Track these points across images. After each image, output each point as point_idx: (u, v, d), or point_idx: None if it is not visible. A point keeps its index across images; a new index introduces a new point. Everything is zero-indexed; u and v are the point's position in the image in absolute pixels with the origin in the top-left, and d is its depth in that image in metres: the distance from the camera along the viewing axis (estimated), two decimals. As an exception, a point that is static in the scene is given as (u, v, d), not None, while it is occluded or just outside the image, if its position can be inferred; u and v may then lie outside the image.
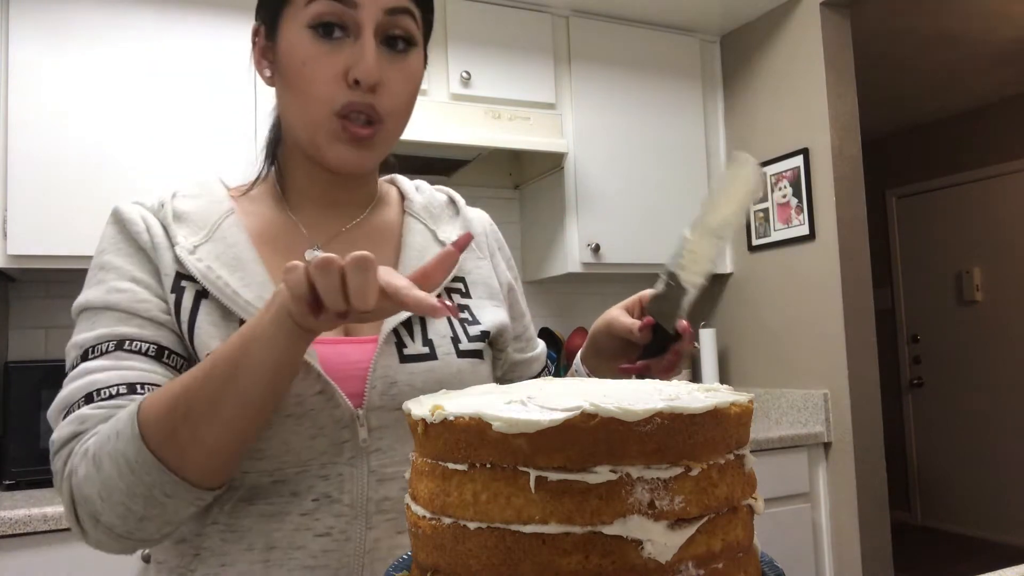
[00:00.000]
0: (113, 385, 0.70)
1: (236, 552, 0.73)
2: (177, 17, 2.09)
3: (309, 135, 0.78)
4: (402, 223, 0.89)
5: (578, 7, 2.64)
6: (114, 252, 0.78)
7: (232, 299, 0.74)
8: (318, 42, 0.75)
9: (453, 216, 0.93)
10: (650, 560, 0.43)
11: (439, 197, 0.95)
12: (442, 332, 0.82)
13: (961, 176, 4.88)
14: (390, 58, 0.77)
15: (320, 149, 0.78)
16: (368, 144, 0.78)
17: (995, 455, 4.66)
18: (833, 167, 2.53)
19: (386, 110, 0.77)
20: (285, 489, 0.74)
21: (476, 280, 0.89)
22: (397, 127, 0.81)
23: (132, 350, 0.72)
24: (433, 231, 0.89)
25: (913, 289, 5.17)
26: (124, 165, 2.00)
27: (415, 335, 0.80)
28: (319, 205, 0.85)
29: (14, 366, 1.91)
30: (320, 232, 0.84)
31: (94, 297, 0.76)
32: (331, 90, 0.75)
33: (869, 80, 3.88)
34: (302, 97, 0.77)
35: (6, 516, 1.58)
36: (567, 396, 0.46)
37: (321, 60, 0.75)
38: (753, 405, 0.50)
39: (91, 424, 0.70)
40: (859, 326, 2.51)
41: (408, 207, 0.90)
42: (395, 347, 0.78)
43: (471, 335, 0.84)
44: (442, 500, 0.47)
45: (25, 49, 1.93)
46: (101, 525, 0.69)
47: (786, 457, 2.45)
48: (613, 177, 2.65)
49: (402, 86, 0.78)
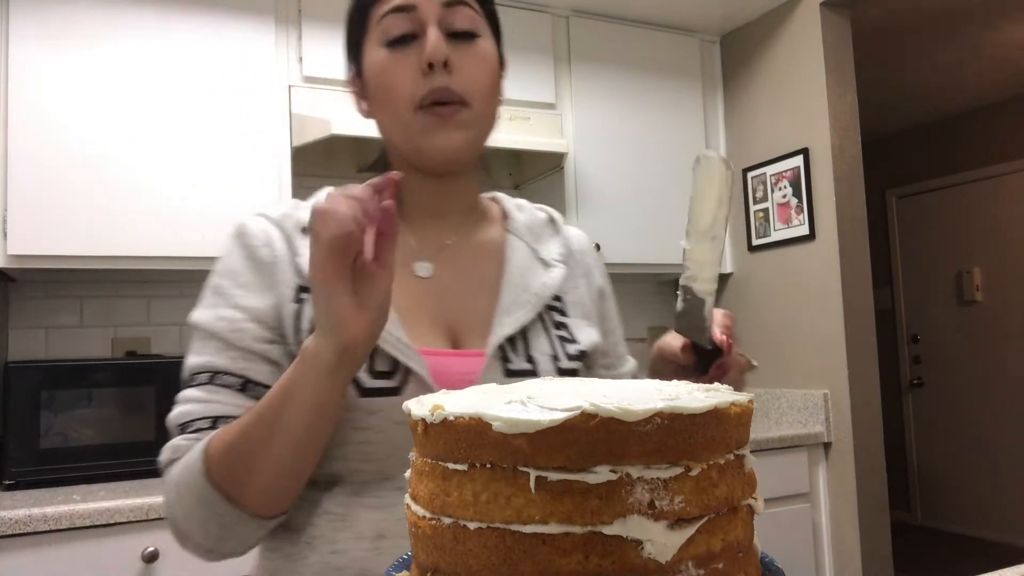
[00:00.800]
0: (201, 418, 0.78)
1: (346, 540, 0.76)
2: (178, 17, 2.09)
3: (404, 137, 0.83)
4: (504, 241, 0.92)
5: (578, 7, 2.64)
6: (227, 275, 0.84)
7: None
8: (394, 53, 0.81)
9: (553, 234, 0.96)
10: (650, 560, 0.43)
11: (539, 216, 0.98)
12: (543, 350, 0.85)
13: (961, 176, 4.88)
14: (459, 46, 0.82)
15: (417, 146, 0.82)
16: (456, 123, 0.81)
17: (995, 455, 4.66)
18: (833, 167, 2.53)
19: (464, 89, 0.81)
20: (391, 485, 0.78)
21: (573, 300, 0.92)
22: (483, 110, 0.84)
23: (222, 384, 0.79)
24: (534, 249, 0.92)
25: (913, 289, 5.18)
26: (124, 165, 2.00)
27: (518, 351, 0.84)
28: (425, 215, 0.89)
29: (14, 366, 1.91)
30: (428, 244, 0.88)
31: (204, 320, 0.82)
32: (411, 86, 0.80)
33: (869, 80, 3.88)
34: (389, 103, 0.82)
35: (6, 516, 1.58)
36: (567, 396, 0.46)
37: (399, 64, 0.81)
38: (753, 405, 0.50)
39: (182, 454, 0.77)
40: (859, 326, 2.51)
41: (510, 226, 0.94)
42: (500, 362, 0.82)
43: (570, 354, 0.87)
44: (442, 500, 0.47)
45: (25, 49, 1.93)
46: (190, 542, 0.76)
47: (786, 457, 2.45)
48: (613, 177, 2.65)
49: (476, 66, 0.82)
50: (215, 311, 0.82)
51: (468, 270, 0.89)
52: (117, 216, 1.98)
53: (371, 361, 0.78)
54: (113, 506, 1.66)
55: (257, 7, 2.18)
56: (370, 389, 0.77)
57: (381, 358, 0.79)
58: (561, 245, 0.94)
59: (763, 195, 2.77)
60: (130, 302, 2.33)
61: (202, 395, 0.79)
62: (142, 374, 2.01)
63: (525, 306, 0.86)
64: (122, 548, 1.67)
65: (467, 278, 0.88)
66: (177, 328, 2.38)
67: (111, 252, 1.97)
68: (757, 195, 2.80)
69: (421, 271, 0.87)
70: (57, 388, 1.92)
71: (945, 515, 4.97)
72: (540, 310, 0.87)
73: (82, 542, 1.65)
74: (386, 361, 0.79)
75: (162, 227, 2.02)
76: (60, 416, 1.92)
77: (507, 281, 0.87)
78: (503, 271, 0.88)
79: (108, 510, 1.66)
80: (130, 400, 1.99)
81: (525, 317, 0.85)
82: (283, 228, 0.85)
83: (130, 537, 1.68)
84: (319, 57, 2.24)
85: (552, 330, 0.88)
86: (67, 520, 1.62)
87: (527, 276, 0.88)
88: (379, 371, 0.78)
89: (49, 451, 1.90)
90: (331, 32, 2.26)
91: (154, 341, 2.35)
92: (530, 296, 0.87)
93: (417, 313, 0.84)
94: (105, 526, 1.66)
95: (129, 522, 1.67)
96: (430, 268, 0.87)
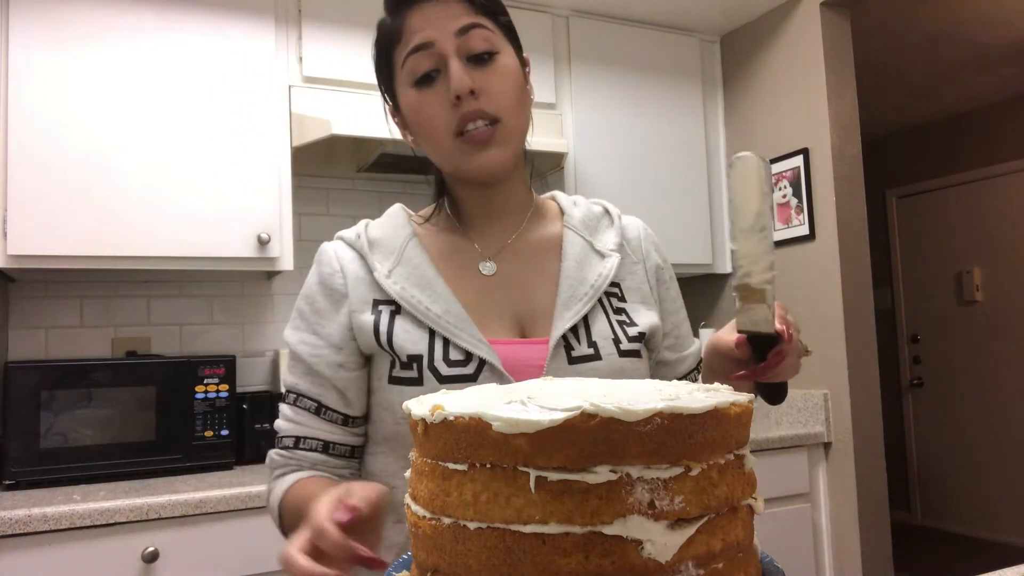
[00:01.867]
0: (288, 436, 0.93)
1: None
2: (178, 17, 2.09)
3: (449, 165, 0.91)
4: (562, 236, 0.98)
5: (578, 7, 2.64)
6: (307, 299, 0.95)
7: (424, 313, 0.88)
8: (423, 92, 0.88)
9: (609, 226, 1.01)
10: (650, 560, 0.43)
11: (595, 209, 1.03)
12: (604, 334, 0.91)
13: (961, 176, 4.88)
14: (480, 69, 0.87)
15: (461, 169, 0.90)
16: (492, 143, 0.87)
17: (995, 455, 4.66)
18: (833, 167, 2.53)
19: (495, 108, 0.87)
20: None
21: (631, 286, 0.98)
22: (515, 123, 0.90)
23: (301, 406, 0.92)
24: (590, 242, 0.98)
25: (913, 289, 5.17)
26: (124, 165, 2.00)
27: (580, 338, 0.90)
28: (481, 218, 0.97)
29: (14, 366, 1.91)
30: (490, 246, 0.96)
31: (293, 341, 0.94)
32: (446, 118, 0.87)
33: (869, 80, 3.88)
34: (430, 138, 0.90)
35: (6, 516, 1.58)
36: (567, 396, 0.46)
37: (430, 101, 0.87)
38: (753, 405, 0.50)
39: (276, 466, 0.93)
40: (859, 326, 2.51)
41: (567, 221, 0.99)
42: (564, 350, 0.88)
43: (630, 336, 0.93)
44: (442, 500, 0.47)
45: (25, 49, 1.93)
46: None
47: (786, 457, 2.45)
48: (613, 177, 2.65)
49: (500, 85, 0.87)
50: (300, 334, 0.93)
51: (529, 265, 0.95)
52: (117, 216, 1.98)
53: (446, 351, 0.86)
54: (113, 506, 1.66)
55: (257, 7, 2.18)
56: (447, 376, 0.85)
57: (455, 349, 0.86)
58: (617, 235, 0.99)
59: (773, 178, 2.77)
60: (130, 302, 2.33)
61: (290, 413, 0.93)
62: (142, 374, 2.01)
63: (583, 298, 0.92)
64: (122, 548, 1.67)
65: (529, 272, 0.95)
66: (177, 328, 2.38)
67: (111, 252, 1.97)
68: (757, 195, 2.80)
69: (485, 270, 0.95)
70: (57, 388, 1.92)
71: (945, 515, 4.97)
72: (598, 299, 0.93)
73: (82, 542, 1.65)
74: (460, 351, 0.86)
75: (162, 227, 2.02)
76: (60, 416, 1.92)
77: (564, 274, 0.93)
78: (561, 265, 0.94)
79: (108, 510, 1.66)
80: (130, 400, 1.99)
81: (584, 308, 0.91)
82: (357, 246, 0.94)
83: (130, 537, 1.68)
84: (319, 57, 2.24)
85: (612, 315, 0.94)
86: (67, 520, 1.62)
87: (584, 268, 0.94)
88: (454, 360, 0.86)
89: (49, 451, 1.90)
90: (331, 32, 2.26)
91: (154, 341, 2.35)
92: (587, 288, 0.93)
93: (485, 307, 0.91)
94: (105, 526, 1.66)
95: (129, 522, 1.67)
96: (493, 267, 0.95)
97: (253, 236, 2.11)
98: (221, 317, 2.44)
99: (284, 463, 0.93)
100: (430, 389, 0.85)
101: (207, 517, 1.74)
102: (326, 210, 2.58)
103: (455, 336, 0.86)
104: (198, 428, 2.04)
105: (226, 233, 2.08)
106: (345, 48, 2.27)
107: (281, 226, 2.15)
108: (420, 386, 0.86)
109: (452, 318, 0.88)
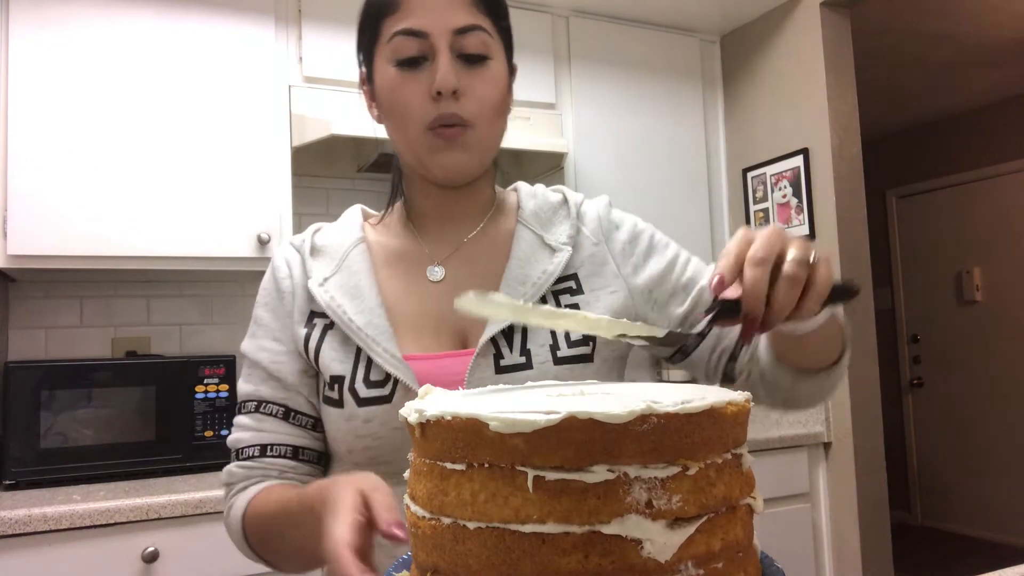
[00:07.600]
0: (251, 446, 0.86)
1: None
2: (178, 18, 2.09)
3: (412, 154, 0.86)
4: (514, 232, 0.91)
5: (578, 7, 2.64)
6: (264, 306, 0.91)
7: (348, 326, 0.83)
8: (404, 73, 0.83)
9: (565, 216, 0.93)
10: (649, 560, 0.42)
11: (552, 199, 0.96)
12: (541, 341, 0.83)
13: (961, 176, 4.88)
14: (469, 70, 0.83)
15: (424, 163, 0.85)
16: (461, 145, 0.83)
17: (995, 455, 4.66)
18: (833, 167, 2.53)
19: (471, 115, 0.83)
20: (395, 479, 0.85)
21: (590, 272, 0.89)
22: (488, 131, 0.86)
23: (266, 412, 0.87)
24: (540, 235, 0.90)
25: (913, 289, 5.17)
26: (124, 165, 2.00)
27: (514, 345, 0.82)
28: (437, 220, 0.92)
29: (14, 366, 1.91)
30: (441, 248, 0.90)
31: (249, 350, 0.90)
32: (421, 109, 0.82)
33: (869, 80, 3.88)
34: (399, 121, 0.85)
35: (6, 516, 1.58)
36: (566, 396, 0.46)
37: (409, 85, 0.82)
38: (750, 404, 0.50)
39: (236, 480, 0.86)
40: (859, 326, 2.51)
41: (520, 215, 0.93)
42: (492, 358, 0.82)
43: (573, 339, 0.83)
44: (440, 500, 0.47)
45: (25, 48, 1.93)
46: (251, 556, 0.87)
47: (786, 457, 2.45)
48: (613, 177, 2.65)
49: (483, 91, 0.83)
50: (258, 342, 0.89)
51: (478, 268, 0.89)
52: (117, 216, 1.98)
53: (367, 370, 0.82)
54: (113, 506, 1.66)
55: (257, 7, 2.18)
56: (365, 399, 0.81)
57: (375, 369, 0.82)
58: (571, 226, 0.91)
59: (763, 195, 2.77)
60: (130, 302, 2.33)
61: (251, 423, 0.87)
62: (142, 374, 2.02)
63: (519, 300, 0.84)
64: (122, 548, 1.67)
65: (476, 276, 0.88)
66: (177, 328, 2.39)
67: (111, 252, 1.97)
68: (757, 195, 2.80)
69: (433, 276, 0.89)
70: (57, 388, 1.92)
71: (945, 515, 4.97)
72: (541, 299, 0.85)
73: (82, 542, 1.65)
74: (379, 371, 0.82)
75: (162, 227, 2.02)
76: (60, 416, 1.92)
77: (507, 276, 0.86)
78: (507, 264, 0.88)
79: (108, 510, 1.66)
80: (130, 400, 1.99)
81: None
82: (301, 251, 0.90)
83: (130, 537, 1.68)
84: (319, 57, 2.24)
85: None
86: (67, 520, 1.62)
87: (528, 267, 0.87)
88: (373, 380, 0.82)
89: (49, 451, 1.90)
90: (331, 32, 2.26)
91: (154, 341, 2.35)
92: (527, 288, 0.85)
93: (424, 318, 0.86)
94: (105, 526, 1.66)
95: (129, 522, 1.68)
96: (441, 272, 0.89)
97: (253, 236, 2.11)
98: (221, 317, 2.44)
99: (247, 475, 0.86)
100: (350, 412, 0.81)
101: (207, 517, 1.75)
102: (326, 210, 2.58)
103: (373, 352, 0.81)
104: (198, 428, 2.04)
105: (226, 233, 2.08)
106: (345, 48, 2.25)
107: (281, 226, 2.16)
108: (341, 408, 0.82)
109: (373, 331, 0.82)
